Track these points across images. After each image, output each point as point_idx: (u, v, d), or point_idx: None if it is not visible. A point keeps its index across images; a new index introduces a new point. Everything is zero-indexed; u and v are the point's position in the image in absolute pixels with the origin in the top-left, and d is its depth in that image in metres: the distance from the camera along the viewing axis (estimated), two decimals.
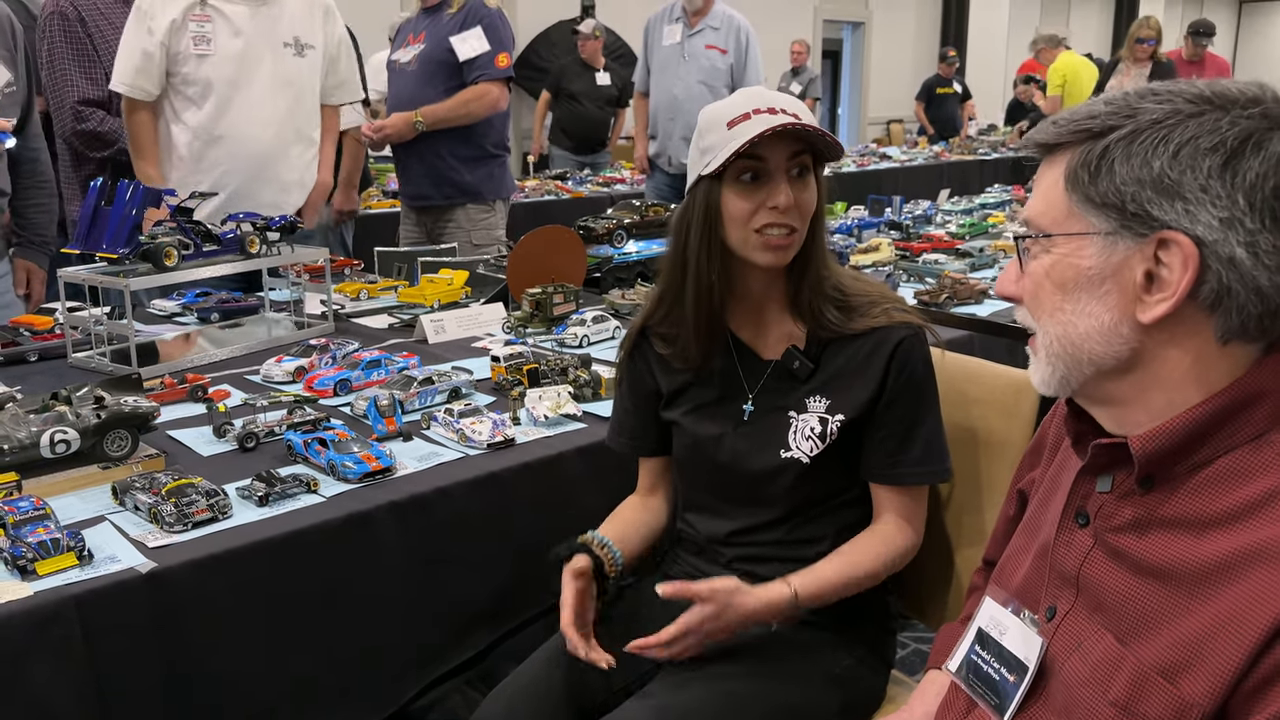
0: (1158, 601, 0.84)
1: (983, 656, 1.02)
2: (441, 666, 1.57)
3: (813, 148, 1.38)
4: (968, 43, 13.60)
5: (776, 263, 1.39)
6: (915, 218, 4.07)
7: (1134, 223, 0.83)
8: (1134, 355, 0.86)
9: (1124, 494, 0.90)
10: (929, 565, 1.57)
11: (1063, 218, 0.87)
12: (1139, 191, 0.82)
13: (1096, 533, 0.92)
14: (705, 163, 1.36)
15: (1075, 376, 0.90)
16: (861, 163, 7.77)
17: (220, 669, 1.32)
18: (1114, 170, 0.83)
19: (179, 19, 2.74)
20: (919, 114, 10.79)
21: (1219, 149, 0.80)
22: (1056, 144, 0.88)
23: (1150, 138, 0.82)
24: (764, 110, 1.33)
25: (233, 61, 2.81)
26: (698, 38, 4.66)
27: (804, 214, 1.38)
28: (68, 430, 1.50)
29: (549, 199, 5.68)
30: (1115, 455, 0.89)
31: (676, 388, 1.52)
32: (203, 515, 1.38)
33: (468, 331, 2.45)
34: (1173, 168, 0.80)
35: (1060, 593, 0.95)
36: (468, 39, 3.42)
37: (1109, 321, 0.85)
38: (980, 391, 1.55)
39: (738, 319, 1.48)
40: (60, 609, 1.18)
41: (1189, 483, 0.85)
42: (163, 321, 2.63)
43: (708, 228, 1.38)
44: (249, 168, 2.87)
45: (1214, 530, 0.82)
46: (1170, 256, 0.81)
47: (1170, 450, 0.85)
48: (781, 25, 10.88)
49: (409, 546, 1.50)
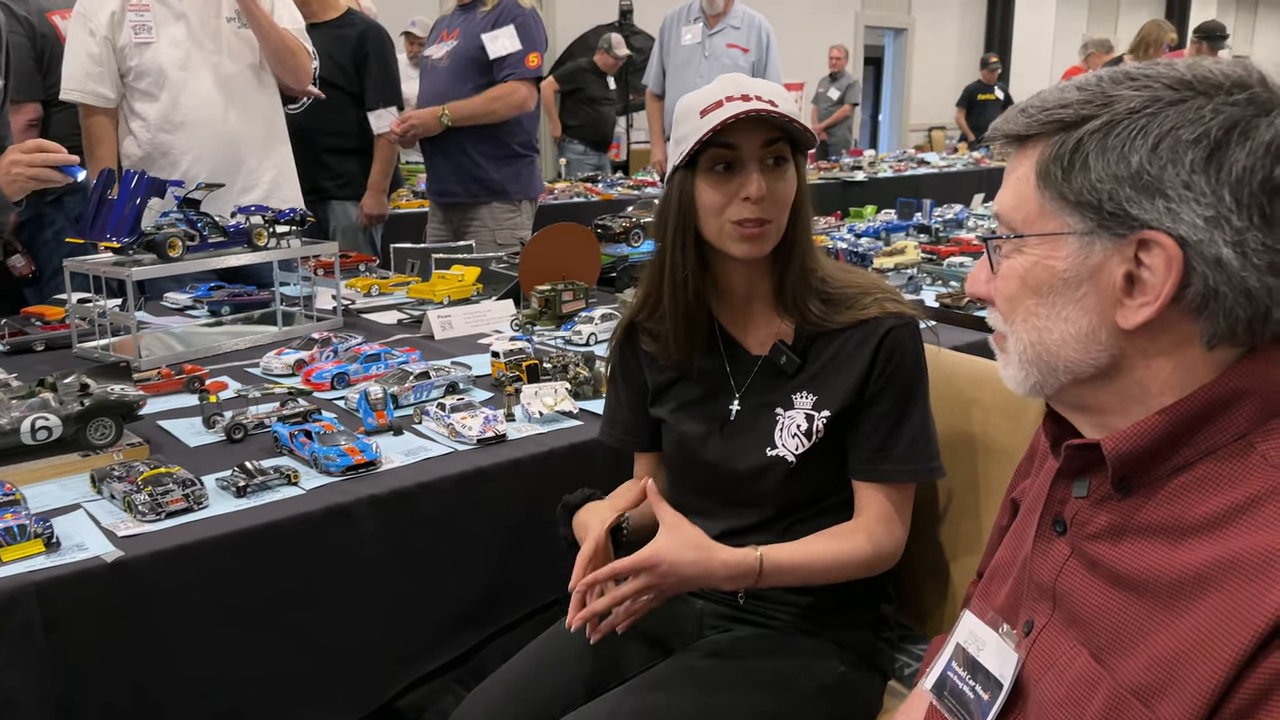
0: (1134, 615, 0.77)
1: (959, 673, 0.95)
2: (424, 666, 1.54)
3: (791, 136, 1.32)
4: (1012, 49, 13.40)
5: (752, 254, 1.33)
6: (946, 221, 3.98)
7: (1112, 222, 0.76)
8: (1113, 362, 0.79)
9: (1100, 499, 0.84)
10: (926, 574, 1.51)
11: (1035, 216, 0.80)
12: (1116, 189, 0.75)
13: (1073, 541, 0.86)
14: (679, 152, 1.31)
15: (1050, 384, 0.83)
16: (899, 168, 7.66)
17: (187, 663, 1.29)
18: (1089, 165, 0.76)
19: (118, 10, 2.70)
20: (959, 121, 10.65)
21: (1202, 140, 0.72)
22: (1026, 135, 0.81)
23: (1127, 129, 0.75)
24: (737, 97, 1.27)
25: (179, 45, 2.76)
26: (718, 37, 4.60)
27: (779, 204, 1.32)
28: (49, 417, 1.48)
29: (578, 200, 5.66)
30: (1089, 458, 0.83)
31: (663, 384, 1.47)
32: (177, 505, 1.35)
33: (475, 328, 2.42)
34: (1152, 162, 0.73)
35: (1038, 605, 0.88)
36: (499, 37, 3.42)
37: (1086, 327, 0.79)
38: (983, 393, 1.48)
39: (726, 315, 1.43)
40: (20, 596, 1.16)
41: (1167, 487, 0.78)
42: (174, 314, 2.63)
43: (681, 219, 1.33)
44: (215, 151, 2.80)
45: (1191, 538, 0.75)
46: (1152, 258, 0.74)
47: (1145, 452, 0.78)
48: (823, 31, 10.80)
49: (390, 542, 1.47)
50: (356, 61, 3.72)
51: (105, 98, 2.76)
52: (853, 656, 1.38)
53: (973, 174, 7.80)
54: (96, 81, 2.74)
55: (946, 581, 1.52)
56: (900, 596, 1.51)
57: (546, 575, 1.65)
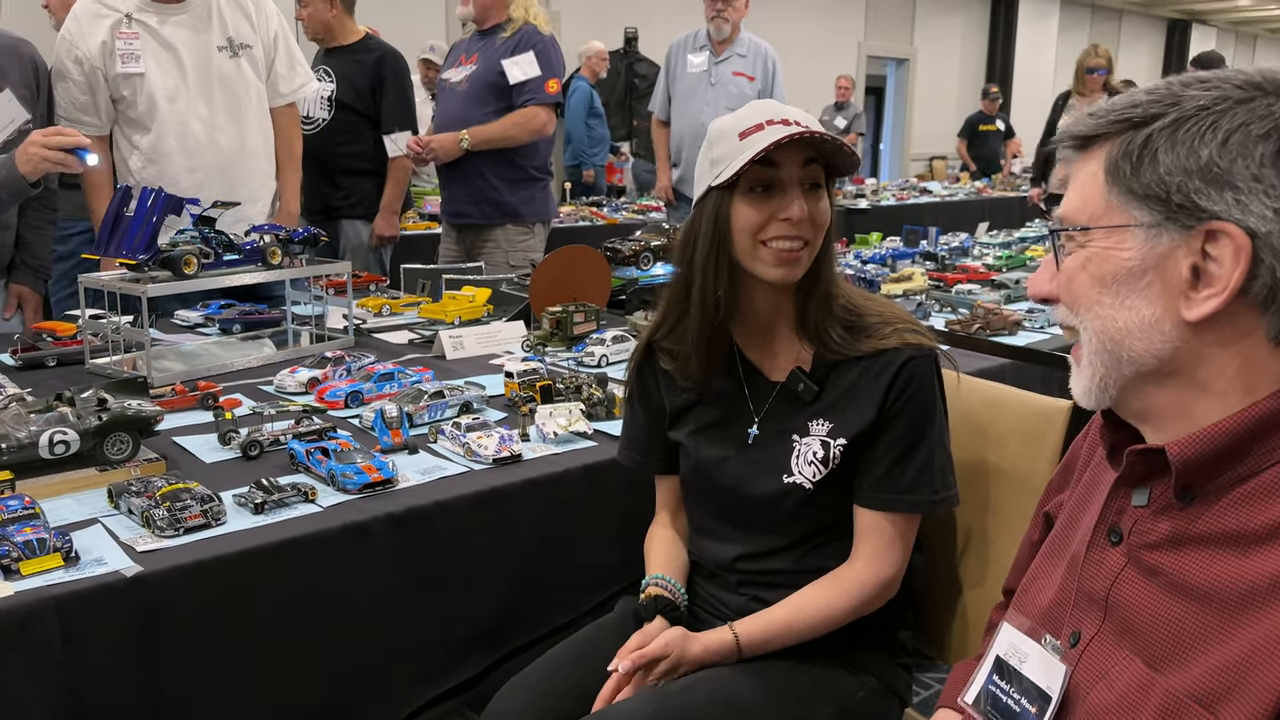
0: (1195, 624, 0.77)
1: (1001, 687, 0.95)
2: (436, 687, 1.53)
3: (826, 162, 1.33)
4: (1013, 80, 13.49)
5: (785, 278, 1.34)
6: (952, 249, 4.00)
7: (1180, 214, 0.77)
8: (1176, 355, 0.79)
9: (1161, 508, 0.83)
10: (942, 600, 1.51)
11: (1101, 211, 0.81)
12: (1185, 181, 0.76)
13: (1130, 550, 0.85)
14: (716, 173, 1.32)
15: (1114, 378, 0.83)
16: (901, 196, 7.70)
17: (203, 679, 1.28)
18: (1158, 160, 0.77)
19: (108, 40, 2.70)
20: (960, 151, 10.70)
21: (1273, 135, 0.74)
22: (1094, 135, 0.83)
23: (1197, 125, 0.76)
24: (777, 121, 1.29)
25: (169, 75, 2.77)
26: (725, 64, 4.63)
27: (817, 227, 1.33)
28: (67, 431, 1.48)
29: (583, 224, 5.68)
30: (1152, 464, 0.83)
31: (682, 406, 1.47)
32: (195, 520, 1.35)
33: (486, 348, 2.42)
34: (1222, 156, 0.75)
35: (1086, 616, 0.88)
36: (519, 63, 3.46)
37: (1150, 316, 0.79)
38: (1002, 419, 1.48)
39: (746, 339, 1.43)
40: (40, 609, 1.16)
41: (1231, 496, 0.78)
42: (185, 332, 2.63)
43: (716, 240, 1.33)
44: (208, 180, 2.79)
45: (1259, 547, 0.75)
46: (1219, 249, 0.75)
47: (1211, 458, 0.78)
48: (826, 61, 10.87)
49: (406, 561, 1.46)
50: (373, 85, 3.76)
51: (97, 126, 2.78)
52: (872, 681, 1.37)
53: (975, 203, 7.84)
54: (83, 110, 2.76)
55: (963, 608, 1.52)
56: (917, 623, 1.51)
57: (560, 597, 1.65)
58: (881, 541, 1.36)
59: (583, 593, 1.67)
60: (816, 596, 1.36)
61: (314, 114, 3.73)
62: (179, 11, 2.78)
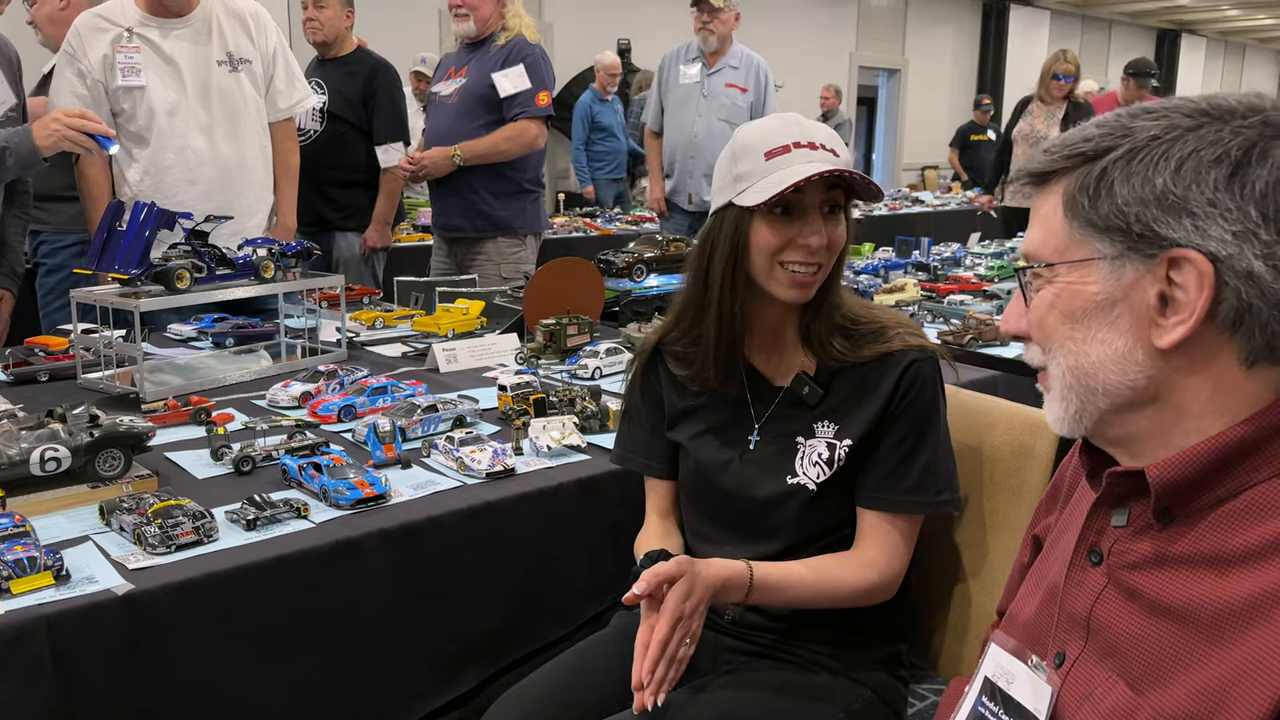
0: (1175, 645, 0.77)
1: (989, 708, 0.95)
2: (432, 702, 1.52)
3: (847, 185, 1.34)
4: (1004, 90, 13.56)
5: (798, 299, 1.36)
6: (944, 260, 4.02)
7: (1142, 244, 0.77)
8: (1151, 384, 0.80)
9: (1140, 528, 0.84)
10: (937, 611, 1.51)
11: (1065, 245, 0.82)
12: (1144, 211, 0.77)
13: (1110, 571, 0.86)
14: (739, 190, 1.32)
15: (1089, 411, 0.84)
16: (893, 206, 7.72)
17: (195, 698, 1.28)
18: (1114, 191, 0.78)
19: (109, 53, 2.71)
20: (952, 161, 10.74)
21: (1223, 160, 0.75)
22: (1050, 171, 0.84)
23: (1149, 154, 0.77)
24: (804, 145, 1.30)
25: (169, 88, 2.78)
26: (717, 76, 4.65)
27: (834, 251, 1.35)
28: (58, 448, 1.48)
29: (576, 235, 5.69)
30: (1131, 486, 0.84)
31: (683, 409, 1.48)
32: (187, 538, 1.34)
33: (480, 361, 2.42)
34: (1176, 183, 0.76)
35: (1070, 637, 0.88)
36: (510, 75, 3.46)
37: (1122, 348, 0.80)
38: (994, 431, 1.49)
39: (752, 345, 1.44)
40: (31, 629, 1.15)
41: (1209, 517, 0.78)
42: (178, 345, 2.62)
43: (733, 256, 1.34)
44: (204, 195, 2.80)
45: (1237, 568, 0.75)
46: (1184, 276, 0.76)
47: (1190, 480, 0.79)
48: (818, 72, 10.92)
49: (399, 576, 1.46)
50: (365, 97, 3.77)
51: None
52: (868, 694, 1.37)
53: (967, 213, 7.87)
54: None
55: (957, 619, 1.52)
56: (913, 635, 1.51)
57: (555, 611, 1.64)
58: (885, 542, 1.36)
59: (577, 606, 1.66)
60: (831, 563, 1.35)
61: (306, 126, 3.73)
62: (180, 26, 2.79)
